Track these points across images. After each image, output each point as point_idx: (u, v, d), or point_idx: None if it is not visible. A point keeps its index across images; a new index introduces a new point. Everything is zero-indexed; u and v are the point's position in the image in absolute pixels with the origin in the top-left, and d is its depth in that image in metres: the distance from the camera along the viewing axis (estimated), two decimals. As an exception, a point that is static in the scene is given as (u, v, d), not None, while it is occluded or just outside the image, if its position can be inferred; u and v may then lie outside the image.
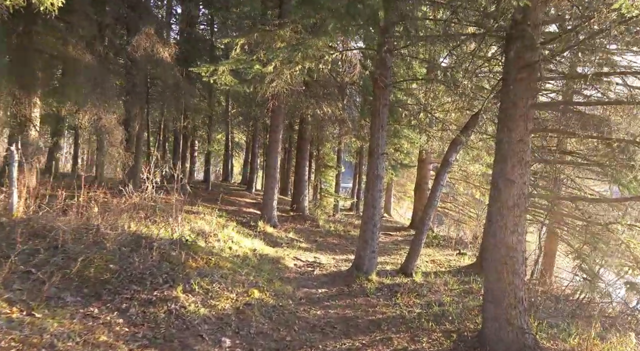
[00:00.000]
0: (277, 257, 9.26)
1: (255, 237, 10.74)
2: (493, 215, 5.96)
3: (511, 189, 5.74)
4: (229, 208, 14.36)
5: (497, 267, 5.82)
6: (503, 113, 5.94)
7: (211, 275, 6.26)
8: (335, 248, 12.50)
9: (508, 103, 5.81)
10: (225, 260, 7.28)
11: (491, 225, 5.99)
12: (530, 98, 5.74)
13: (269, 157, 12.95)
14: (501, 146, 5.89)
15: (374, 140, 8.93)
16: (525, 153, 5.74)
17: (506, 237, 5.75)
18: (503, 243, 5.76)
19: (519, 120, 5.71)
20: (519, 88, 5.67)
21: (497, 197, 5.90)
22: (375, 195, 8.99)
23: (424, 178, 18.58)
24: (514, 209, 5.73)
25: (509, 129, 5.77)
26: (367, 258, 9.00)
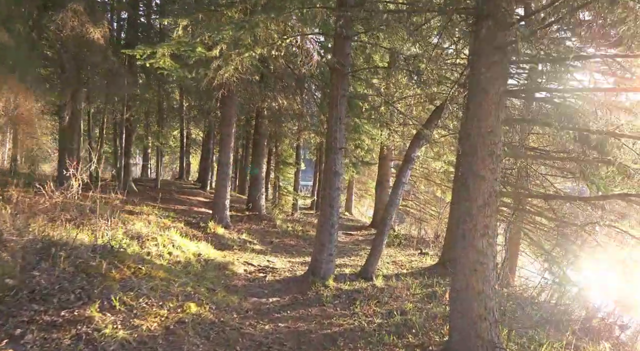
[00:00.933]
0: (225, 262, 8.34)
1: (203, 239, 9.76)
2: (461, 215, 5.29)
3: (481, 186, 5.09)
4: (178, 208, 13.25)
5: (465, 274, 5.16)
6: (472, 102, 5.28)
7: (139, 287, 5.29)
8: (292, 249, 11.67)
9: (477, 90, 5.15)
10: (160, 268, 6.31)
11: (459, 227, 5.32)
12: (502, 84, 5.11)
13: (221, 152, 11.97)
14: (470, 139, 5.23)
15: (332, 134, 8.16)
16: (497, 145, 5.10)
17: (475, 240, 5.09)
18: (472, 247, 5.10)
19: (490, 108, 5.06)
20: (491, 73, 5.01)
21: (465, 195, 5.23)
22: (333, 194, 8.22)
23: (385, 175, 18.04)
24: (484, 209, 5.09)
25: (478, 119, 5.11)
26: (324, 262, 8.23)
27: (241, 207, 16.10)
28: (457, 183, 11.30)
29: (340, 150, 8.23)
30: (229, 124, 11.85)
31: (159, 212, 11.72)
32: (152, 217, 10.47)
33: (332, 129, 8.18)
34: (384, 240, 8.94)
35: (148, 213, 10.97)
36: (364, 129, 14.25)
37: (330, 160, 8.19)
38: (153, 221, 10.14)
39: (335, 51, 8.15)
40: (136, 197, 13.04)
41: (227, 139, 11.88)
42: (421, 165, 19.05)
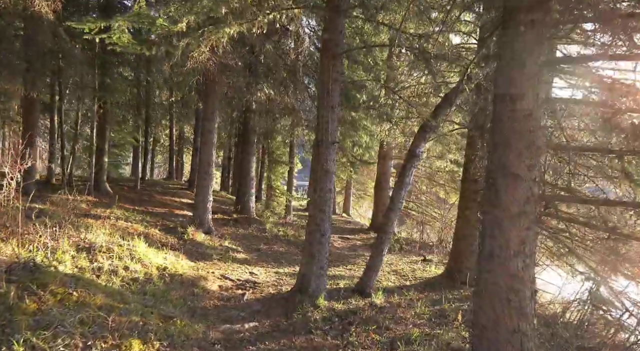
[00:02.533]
0: (197, 277, 7.01)
1: (176, 248, 8.43)
2: (488, 227, 3.95)
3: (516, 189, 3.76)
4: (156, 211, 11.92)
5: (494, 305, 3.82)
6: (502, 78, 3.95)
7: (60, 322, 3.95)
8: (281, 257, 10.33)
9: (509, 61, 3.83)
10: (101, 290, 4.97)
11: (484, 242, 3.98)
12: (542, 52, 3.78)
13: (202, 150, 10.64)
14: (500, 126, 3.90)
15: (322, 125, 6.84)
16: (536, 134, 3.77)
17: (508, 260, 3.76)
18: (504, 269, 3.77)
19: (527, 84, 3.73)
20: (529, 37, 3.68)
21: (493, 200, 3.89)
22: (324, 196, 6.90)
23: (385, 175, 16.74)
24: (520, 219, 3.76)
25: (512, 99, 3.77)
26: (313, 277, 6.90)
27: (230, 209, 14.77)
28: (466, 183, 10.00)
29: (332, 145, 6.91)
30: (210, 118, 10.52)
31: (133, 215, 10.40)
32: (122, 223, 9.15)
33: (323, 120, 6.86)
34: (384, 250, 7.61)
35: (118, 217, 9.64)
36: (362, 124, 12.94)
37: (320, 156, 6.86)
38: (122, 227, 8.82)
39: (326, 26, 6.83)
40: (110, 198, 11.70)
41: (209, 135, 10.55)
42: (423, 163, 17.72)
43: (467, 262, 9.78)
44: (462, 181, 10.27)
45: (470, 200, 9.84)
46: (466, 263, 9.78)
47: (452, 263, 10.06)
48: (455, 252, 10.04)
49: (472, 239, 9.79)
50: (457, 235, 10.09)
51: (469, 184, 9.90)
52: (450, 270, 10.05)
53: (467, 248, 9.80)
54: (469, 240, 9.80)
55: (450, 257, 10.25)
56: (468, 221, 9.86)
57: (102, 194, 11.74)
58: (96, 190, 11.65)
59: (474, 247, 9.85)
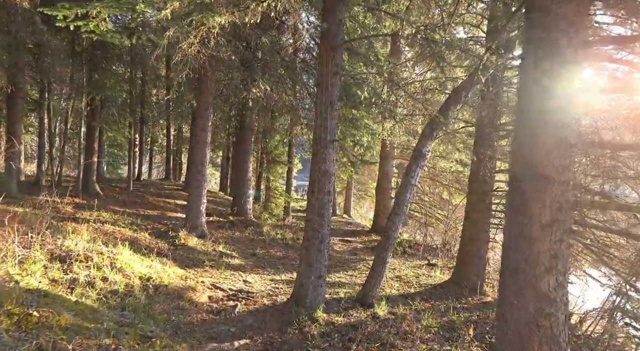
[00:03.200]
0: (184, 287, 6.42)
1: (165, 254, 7.85)
2: (512, 238, 3.36)
3: (546, 194, 3.18)
4: (148, 213, 11.34)
5: (520, 331, 3.24)
6: (529, 63, 3.37)
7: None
8: (278, 263, 9.75)
9: (539, 43, 3.24)
10: (71, 307, 4.39)
11: (508, 255, 3.40)
12: (580, 29, 3.19)
13: (195, 149, 10.06)
14: (526, 120, 3.32)
15: (320, 122, 6.26)
16: (570, 129, 3.19)
17: (538, 278, 3.18)
18: (532, 288, 3.19)
19: (561, 70, 3.15)
20: (566, 11, 3.10)
21: (519, 207, 3.31)
22: (322, 199, 6.31)
23: (386, 176, 16.15)
24: (552, 229, 3.17)
25: (543, 89, 3.19)
26: (311, 288, 6.31)
27: (227, 210, 14.20)
28: (474, 184, 9.41)
29: (332, 143, 6.32)
30: (203, 116, 9.94)
31: (122, 218, 9.83)
32: (108, 227, 8.57)
33: (322, 117, 6.27)
34: (387, 257, 7.02)
35: (105, 221, 9.07)
36: (363, 123, 12.35)
37: (319, 155, 6.27)
38: (108, 231, 8.25)
39: (325, 16, 6.24)
40: (99, 200, 11.13)
41: (201, 134, 9.97)
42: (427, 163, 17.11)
43: (475, 267, 9.20)
44: (469, 181, 9.69)
45: (479, 201, 9.25)
46: (474, 269, 9.20)
47: (459, 269, 9.47)
48: (462, 257, 9.46)
49: (480, 243, 9.21)
50: (464, 239, 9.50)
51: (477, 185, 9.31)
52: (457, 276, 9.46)
53: (475, 252, 9.22)
54: (477, 244, 9.22)
55: (457, 262, 9.67)
56: (476, 224, 9.27)
57: (91, 196, 11.17)
58: (85, 192, 11.09)
59: (482, 251, 9.27)
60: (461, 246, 9.58)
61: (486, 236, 9.25)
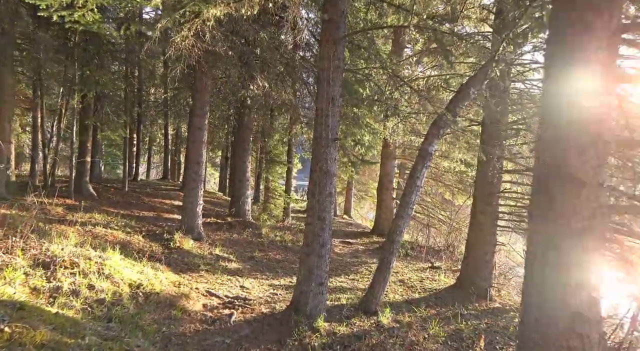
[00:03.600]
0: (177, 295, 6.04)
1: (159, 258, 7.47)
2: (538, 248, 2.98)
3: (579, 197, 2.80)
4: (143, 215, 10.96)
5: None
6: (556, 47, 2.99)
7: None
8: (277, 266, 9.37)
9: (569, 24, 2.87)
10: (50, 320, 4.01)
11: (532, 269, 3.02)
12: (616, 13, 2.81)
13: (191, 148, 9.68)
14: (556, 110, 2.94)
15: (321, 119, 5.88)
16: (606, 124, 2.81)
17: (569, 292, 2.80)
18: (561, 306, 2.81)
19: (595, 58, 2.77)
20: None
21: (547, 213, 2.93)
22: (323, 201, 5.93)
23: (388, 176, 15.78)
24: (584, 237, 2.79)
25: (575, 79, 2.81)
26: (311, 295, 5.93)
27: (225, 211, 13.82)
28: (480, 185, 9.04)
29: (333, 142, 5.95)
30: (200, 114, 9.56)
31: (115, 220, 9.45)
32: (100, 229, 8.19)
33: (323, 114, 5.90)
34: (391, 262, 6.64)
35: (97, 223, 8.69)
36: (365, 122, 11.96)
37: (319, 155, 5.90)
38: (99, 234, 7.87)
39: (326, 6, 5.86)
40: (93, 201, 10.76)
41: (198, 132, 9.58)
42: (428, 164, 16.75)
43: (482, 271, 8.83)
44: (475, 182, 9.32)
45: (485, 203, 8.88)
46: (480, 273, 8.83)
47: (465, 273, 9.10)
48: (467, 261, 9.08)
49: (487, 247, 8.84)
50: (469, 242, 9.13)
51: (484, 186, 8.94)
52: (463, 280, 9.09)
53: (481, 256, 8.84)
54: (484, 247, 8.84)
55: (463, 265, 9.29)
56: (482, 226, 8.90)
57: (84, 197, 10.79)
58: (77, 192, 10.71)
59: (488, 255, 8.89)
60: (467, 249, 9.21)
61: (493, 239, 8.88)
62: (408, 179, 6.65)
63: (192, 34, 6.46)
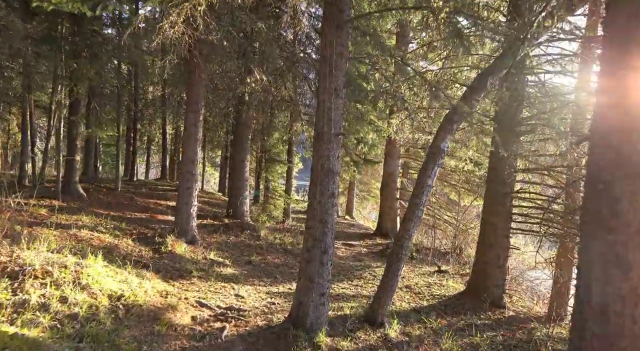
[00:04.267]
0: (163, 307, 5.43)
1: (147, 264, 6.86)
2: (597, 263, 2.37)
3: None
4: (136, 216, 10.37)
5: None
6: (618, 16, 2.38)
7: None
8: (275, 271, 8.76)
9: None
10: (6, 343, 3.41)
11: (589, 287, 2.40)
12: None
13: (184, 146, 9.09)
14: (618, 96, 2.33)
15: (323, 112, 5.27)
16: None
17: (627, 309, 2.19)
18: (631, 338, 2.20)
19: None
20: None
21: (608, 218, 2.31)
22: (325, 203, 5.32)
23: (392, 175, 15.16)
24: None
25: None
26: (312, 307, 5.32)
27: (222, 212, 13.22)
28: (492, 185, 8.43)
29: (336, 138, 5.34)
30: (194, 110, 8.96)
31: (104, 222, 8.86)
32: (85, 233, 7.59)
33: (325, 106, 5.29)
34: (400, 269, 6.03)
35: (84, 226, 8.10)
36: (369, 119, 11.35)
37: (321, 152, 5.29)
38: (84, 238, 7.27)
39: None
40: (82, 202, 10.16)
41: (192, 129, 8.98)
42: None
43: (494, 277, 8.20)
44: (487, 182, 8.69)
45: (498, 204, 8.26)
46: (493, 279, 8.21)
47: (476, 278, 8.48)
48: (479, 265, 8.47)
49: (499, 250, 8.22)
50: (481, 245, 8.50)
51: (496, 186, 8.32)
52: (474, 286, 8.47)
53: (494, 260, 8.22)
54: (496, 251, 8.22)
55: (473, 270, 8.68)
56: (494, 228, 8.28)
57: (73, 197, 10.19)
58: (66, 193, 10.11)
59: (501, 259, 8.27)
60: (478, 253, 8.58)
61: (506, 242, 8.26)
62: (418, 179, 6.03)
63: (181, 20, 5.86)
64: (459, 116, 5.65)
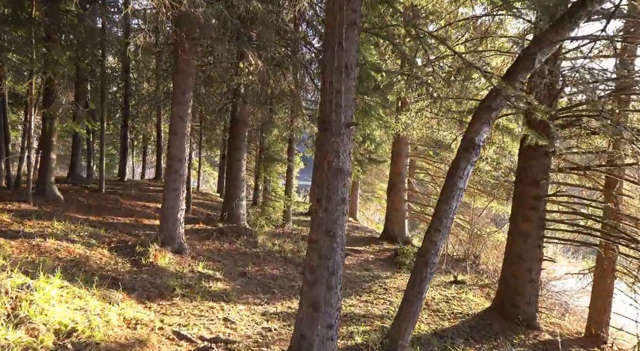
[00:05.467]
0: (129, 342, 4.26)
1: (122, 281, 5.71)
2: None
3: None
4: (119, 221, 9.22)
5: None
6: None
7: None
8: (273, 285, 7.61)
9: None
10: None
11: None
12: None
13: (171, 142, 7.92)
14: None
15: (330, 98, 4.12)
16: None
17: None
18: None
19: None
20: None
21: None
22: (334, 211, 4.16)
23: (400, 175, 13.99)
24: None
25: None
26: (316, 342, 4.16)
27: (217, 215, 12.07)
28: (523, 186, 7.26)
29: (347, 129, 4.18)
30: (182, 101, 7.80)
31: (79, 228, 7.73)
32: (52, 242, 6.45)
33: (333, 89, 4.13)
34: (424, 292, 4.87)
35: (52, 233, 6.95)
36: (377, 114, 10.19)
37: (327, 147, 4.13)
38: (48, 249, 6.12)
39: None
40: (58, 206, 9.02)
41: (179, 123, 7.83)
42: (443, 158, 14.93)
43: (525, 293, 7.04)
44: (515, 183, 7.53)
45: (529, 208, 7.11)
46: (523, 296, 7.05)
47: (503, 294, 7.33)
48: (507, 279, 7.31)
49: (531, 262, 7.06)
50: (509, 256, 7.34)
51: (527, 188, 7.17)
52: (501, 303, 7.32)
53: (525, 274, 7.07)
54: (527, 263, 7.07)
55: (500, 285, 7.52)
56: (525, 237, 7.13)
57: (48, 200, 9.03)
58: (40, 195, 8.97)
59: (534, 273, 7.10)
60: (505, 265, 7.42)
61: (539, 253, 7.10)
62: (447, 180, 4.88)
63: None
64: (498, 102, 4.49)
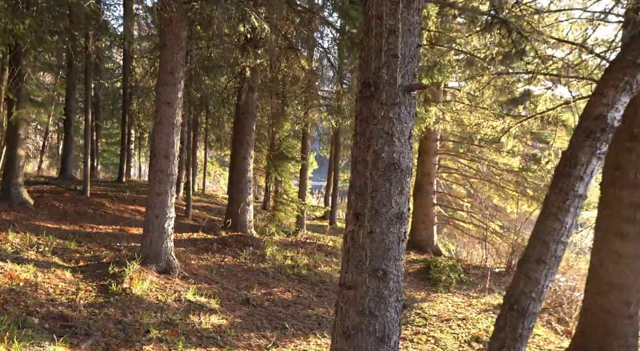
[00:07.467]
0: None
1: (74, 322, 4.01)
2: None
3: None
4: (100, 230, 7.56)
5: None
6: None
7: None
8: (284, 316, 5.83)
9: None
10: None
11: None
12: None
13: (156, 134, 6.22)
14: None
15: (378, 44, 2.34)
16: None
17: None
18: None
19: None
20: None
21: None
22: (385, 233, 2.38)
23: (428, 176, 12.19)
24: None
25: None
26: None
27: (221, 222, 10.35)
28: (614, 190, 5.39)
29: (409, 96, 2.40)
30: (170, 82, 6.09)
31: (43, 242, 6.05)
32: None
33: (383, 26, 2.36)
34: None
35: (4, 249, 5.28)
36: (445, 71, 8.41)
37: (372, 128, 2.36)
38: None
39: None
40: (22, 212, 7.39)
41: (167, 110, 6.12)
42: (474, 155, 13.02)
43: (619, 331, 5.15)
44: (602, 187, 5.63)
45: (626, 220, 5.22)
46: (617, 335, 5.16)
47: (588, 334, 5.43)
48: (592, 314, 5.41)
49: (630, 293, 5.17)
50: (596, 284, 5.44)
51: (624, 193, 5.27)
52: (584, 345, 5.45)
53: (620, 308, 5.16)
54: (623, 292, 5.17)
55: (583, 321, 5.61)
56: (619, 259, 5.22)
57: (12, 205, 7.39)
58: (4, 199, 7.35)
59: (632, 307, 5.21)
60: (590, 295, 5.52)
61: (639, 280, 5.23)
62: (554, 184, 3.06)
63: None
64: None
